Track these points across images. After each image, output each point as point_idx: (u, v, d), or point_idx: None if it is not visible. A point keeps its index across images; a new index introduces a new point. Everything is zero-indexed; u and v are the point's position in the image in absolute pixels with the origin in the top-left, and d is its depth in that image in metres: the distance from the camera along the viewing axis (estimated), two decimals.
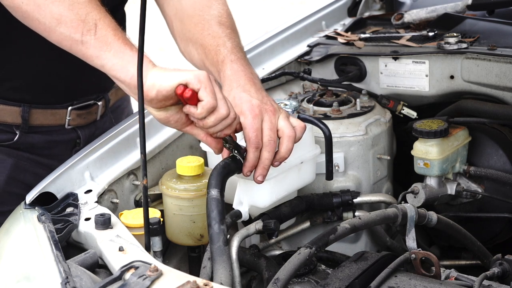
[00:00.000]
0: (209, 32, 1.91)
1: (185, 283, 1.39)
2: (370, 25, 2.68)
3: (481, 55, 2.19)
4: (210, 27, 1.92)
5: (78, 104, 2.16)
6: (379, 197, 2.09)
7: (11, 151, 2.10)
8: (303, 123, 1.79)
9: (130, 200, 1.92)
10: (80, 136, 2.19)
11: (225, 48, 1.86)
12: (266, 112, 1.73)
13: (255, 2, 8.44)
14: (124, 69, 1.63)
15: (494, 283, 1.70)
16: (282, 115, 1.75)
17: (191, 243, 1.88)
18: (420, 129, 2.06)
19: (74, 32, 1.65)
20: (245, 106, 1.72)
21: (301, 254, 1.64)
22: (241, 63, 1.83)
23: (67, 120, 2.15)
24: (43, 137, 2.14)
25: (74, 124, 2.17)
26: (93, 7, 1.66)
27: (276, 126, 1.73)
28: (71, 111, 2.15)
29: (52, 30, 1.67)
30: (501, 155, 2.18)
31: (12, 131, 2.08)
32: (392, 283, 1.64)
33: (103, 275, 1.56)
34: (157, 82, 1.59)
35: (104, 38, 1.64)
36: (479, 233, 2.07)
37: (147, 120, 1.93)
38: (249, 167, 1.71)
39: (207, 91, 1.58)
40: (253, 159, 1.70)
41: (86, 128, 2.20)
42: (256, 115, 1.71)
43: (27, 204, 1.76)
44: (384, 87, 2.34)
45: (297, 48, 2.52)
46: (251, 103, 1.72)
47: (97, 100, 2.21)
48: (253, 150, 1.69)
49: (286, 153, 1.73)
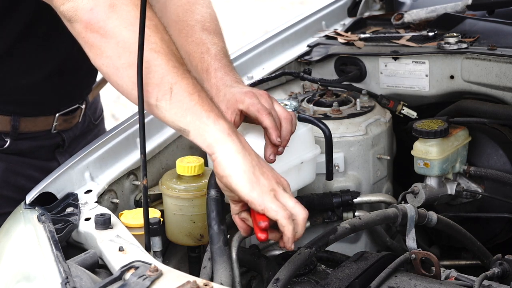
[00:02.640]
0: (193, 39, 1.90)
1: (185, 283, 1.40)
2: (370, 25, 2.68)
3: (481, 55, 2.19)
4: (193, 34, 1.91)
5: (65, 110, 2.18)
6: (379, 197, 2.09)
7: (1, 156, 2.11)
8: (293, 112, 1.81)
9: (130, 200, 1.92)
10: (65, 139, 2.22)
11: (209, 56, 1.85)
12: (261, 95, 1.75)
13: (255, 2, 8.44)
14: (201, 138, 1.56)
15: (494, 283, 1.70)
16: (274, 100, 1.78)
17: (191, 243, 1.88)
18: (420, 129, 2.06)
19: (149, 97, 1.56)
20: (239, 96, 1.74)
21: (301, 254, 1.65)
22: (225, 70, 1.83)
23: (54, 125, 2.17)
24: (31, 143, 2.16)
25: (60, 128, 2.19)
26: (169, 69, 1.56)
27: (273, 105, 1.75)
28: (59, 117, 2.17)
29: (129, 93, 1.59)
30: (501, 155, 2.18)
31: (1, 138, 2.10)
32: (392, 283, 1.64)
33: (103, 275, 1.56)
34: (227, 176, 1.53)
35: (179, 104, 1.55)
36: (479, 233, 2.07)
37: (147, 120, 1.93)
38: (275, 135, 1.69)
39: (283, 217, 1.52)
40: (273, 125, 1.69)
41: (69, 131, 2.23)
42: (253, 95, 1.73)
43: (27, 204, 1.76)
44: (384, 87, 2.34)
45: (297, 48, 2.52)
46: (243, 91, 1.75)
47: (81, 104, 2.24)
48: (267, 117, 1.69)
49: (287, 134, 1.74)
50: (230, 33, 6.93)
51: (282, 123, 1.74)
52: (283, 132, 1.74)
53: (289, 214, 1.53)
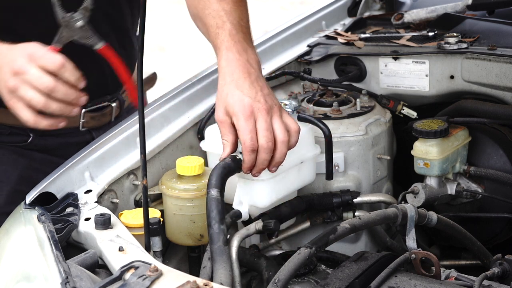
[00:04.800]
0: (209, 12, 1.87)
1: (185, 283, 1.40)
2: (370, 25, 2.68)
3: (481, 55, 2.19)
4: (210, 5, 1.88)
5: (92, 107, 2.16)
6: (379, 197, 2.09)
7: (24, 152, 2.10)
8: (298, 125, 1.76)
9: (130, 200, 1.92)
10: (94, 137, 2.18)
11: (224, 31, 1.82)
12: (260, 111, 1.70)
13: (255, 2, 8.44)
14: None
15: (494, 283, 1.70)
16: (275, 114, 1.72)
17: (191, 243, 1.88)
18: (420, 129, 2.06)
19: None
20: (237, 107, 1.69)
21: (301, 254, 1.65)
22: (237, 49, 1.79)
23: (81, 122, 2.14)
24: (57, 139, 2.14)
25: (88, 126, 2.17)
26: None
27: (271, 125, 1.70)
28: (85, 113, 2.15)
29: None
30: (501, 155, 2.18)
31: (25, 133, 2.08)
32: (392, 283, 1.64)
33: (103, 275, 1.56)
34: None
35: None
36: (479, 233, 2.07)
37: (147, 120, 1.94)
38: (246, 169, 1.71)
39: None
40: (250, 161, 1.69)
41: (100, 130, 2.19)
42: (249, 116, 1.68)
43: (27, 204, 1.76)
44: (384, 87, 2.34)
45: (297, 48, 2.51)
46: (243, 103, 1.70)
47: (111, 102, 2.22)
48: (249, 153, 1.68)
49: (281, 158, 1.72)
50: None
51: (277, 146, 1.70)
52: (276, 156, 1.71)
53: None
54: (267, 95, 1.75)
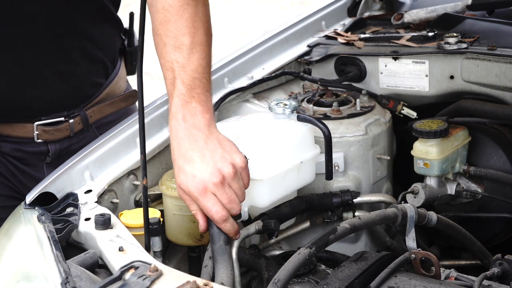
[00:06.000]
0: (164, 62, 1.73)
1: (185, 283, 1.40)
2: (370, 25, 2.68)
3: (481, 55, 2.19)
4: (165, 55, 1.73)
5: (45, 121, 2.13)
6: (379, 197, 2.09)
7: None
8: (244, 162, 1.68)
9: (130, 200, 1.92)
10: (50, 151, 2.17)
11: (174, 90, 1.70)
12: (214, 186, 1.63)
13: (255, 2, 8.44)
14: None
15: (494, 283, 1.70)
16: (229, 179, 1.65)
17: (191, 243, 1.88)
18: (420, 129, 2.06)
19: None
20: (191, 187, 1.64)
21: (301, 254, 1.65)
22: (183, 114, 1.68)
23: (35, 134, 2.13)
24: (13, 146, 2.13)
25: (43, 138, 2.14)
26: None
27: (232, 193, 1.65)
28: (37, 126, 2.12)
29: None
30: (501, 155, 2.18)
31: None
32: (392, 283, 1.64)
33: (103, 275, 1.56)
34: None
35: None
36: (479, 233, 2.07)
37: (147, 120, 1.94)
38: (234, 235, 1.69)
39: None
40: (229, 229, 1.66)
41: (57, 143, 2.17)
42: (204, 194, 1.63)
43: (27, 204, 1.76)
44: (384, 87, 2.34)
45: (297, 48, 2.51)
46: (195, 183, 1.63)
47: (70, 118, 2.16)
48: (224, 224, 1.65)
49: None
50: (230, 33, 6.93)
51: (226, 207, 1.65)
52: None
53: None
54: (218, 156, 1.66)
